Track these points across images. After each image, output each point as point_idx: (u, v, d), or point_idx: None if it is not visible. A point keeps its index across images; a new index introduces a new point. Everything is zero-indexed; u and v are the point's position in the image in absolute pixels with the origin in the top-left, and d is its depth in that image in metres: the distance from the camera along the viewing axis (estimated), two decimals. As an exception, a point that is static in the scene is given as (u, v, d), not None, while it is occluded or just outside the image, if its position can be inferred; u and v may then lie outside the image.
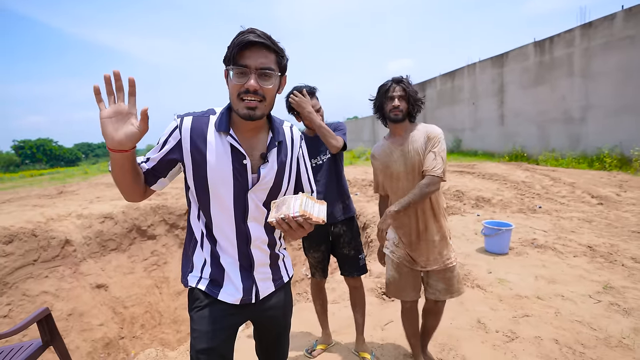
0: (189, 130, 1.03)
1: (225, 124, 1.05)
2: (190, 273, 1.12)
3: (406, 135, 1.75)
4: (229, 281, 1.09)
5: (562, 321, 2.32)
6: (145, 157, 1.07)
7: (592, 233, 4.05)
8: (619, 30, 9.01)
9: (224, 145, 1.04)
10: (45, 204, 8.53)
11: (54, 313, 5.59)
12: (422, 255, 1.77)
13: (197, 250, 1.11)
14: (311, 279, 2.20)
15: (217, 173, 1.03)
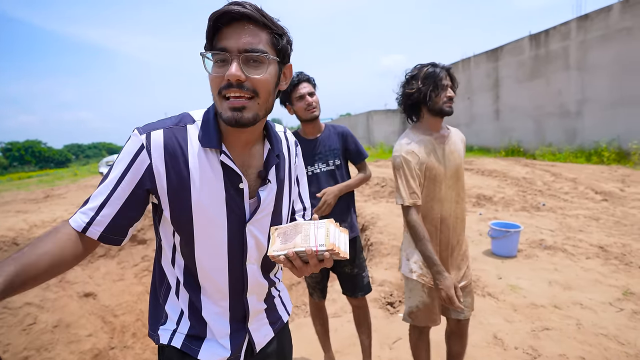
0: (161, 149, 0.74)
1: (214, 136, 0.77)
2: (161, 326, 0.85)
3: (444, 132, 1.52)
4: (212, 336, 0.84)
5: (586, 334, 2.14)
6: (89, 215, 0.71)
7: (602, 232, 3.89)
8: (616, 22, 8.89)
9: (213, 166, 0.77)
10: (29, 210, 8.18)
11: (38, 325, 5.30)
12: (452, 272, 1.55)
13: (170, 298, 0.85)
14: (309, 298, 1.97)
15: (206, 206, 0.77)
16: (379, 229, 4.69)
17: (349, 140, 1.86)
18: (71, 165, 48.05)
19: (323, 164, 1.78)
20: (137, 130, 0.75)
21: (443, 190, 1.48)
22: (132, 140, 0.74)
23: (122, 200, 0.72)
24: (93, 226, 0.71)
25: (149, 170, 0.73)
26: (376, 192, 7.14)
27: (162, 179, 0.74)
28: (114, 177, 0.73)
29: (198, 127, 0.78)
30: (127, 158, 0.73)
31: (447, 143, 1.50)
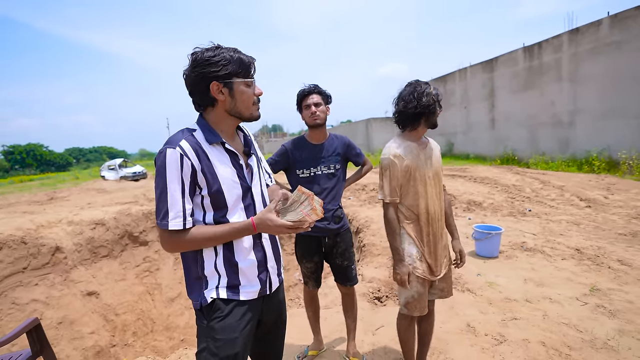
0: (193, 153, 1.06)
1: (216, 135, 1.12)
2: (204, 290, 1.13)
3: (423, 140, 1.78)
4: (246, 279, 1.16)
5: (550, 324, 2.37)
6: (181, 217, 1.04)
7: (580, 236, 4.13)
8: (605, 35, 9.22)
9: (223, 154, 1.13)
10: (35, 211, 8.42)
11: (44, 322, 5.50)
12: (439, 261, 1.76)
13: (206, 267, 1.13)
14: (304, 287, 2.21)
15: (229, 182, 1.11)
16: (372, 231, 4.93)
17: (351, 150, 2.16)
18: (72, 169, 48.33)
19: (325, 167, 2.04)
20: (168, 147, 1.04)
21: (428, 189, 1.70)
22: (171, 154, 1.03)
23: (188, 194, 1.06)
24: (187, 221, 1.06)
25: (192, 168, 1.05)
26: (372, 197, 7.38)
27: (200, 171, 1.07)
28: (177, 185, 1.04)
29: (201, 132, 1.12)
30: (175, 167, 1.03)
31: (427, 149, 1.75)
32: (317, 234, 2.04)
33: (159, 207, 1.04)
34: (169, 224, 1.03)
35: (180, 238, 1.06)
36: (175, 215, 1.04)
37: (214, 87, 1.07)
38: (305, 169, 2.01)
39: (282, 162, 2.06)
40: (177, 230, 1.04)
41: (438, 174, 1.76)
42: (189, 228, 1.07)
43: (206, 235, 1.07)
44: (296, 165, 2.03)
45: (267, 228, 1.06)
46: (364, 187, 8.05)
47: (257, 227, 1.06)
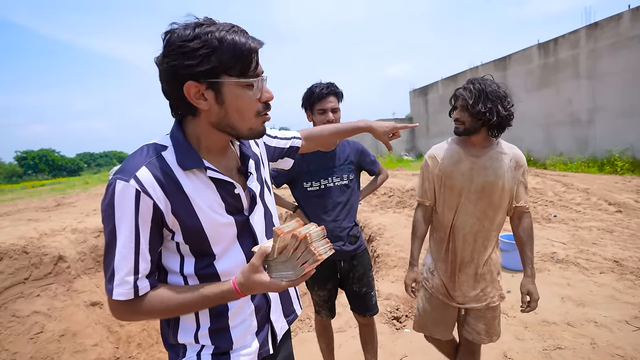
0: (157, 187, 0.74)
1: (194, 157, 0.78)
2: (182, 358, 0.85)
3: (485, 148, 1.49)
4: (240, 338, 0.86)
5: (601, 355, 2.05)
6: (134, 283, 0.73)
7: (616, 245, 3.77)
8: (626, 30, 8.79)
9: (206, 185, 0.80)
10: (40, 218, 8.31)
11: (45, 334, 5.32)
12: (460, 290, 1.51)
13: (181, 333, 0.85)
14: (315, 316, 1.93)
15: (215, 223, 0.80)
16: (386, 240, 4.63)
17: (365, 157, 1.88)
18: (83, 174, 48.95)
19: (337, 178, 1.76)
20: (119, 179, 0.72)
21: (462, 202, 1.47)
22: (122, 190, 0.71)
23: (147, 247, 0.75)
24: (141, 288, 0.75)
25: (155, 208, 0.74)
26: (383, 202, 7.08)
27: (168, 211, 0.75)
28: (129, 234, 0.72)
29: (172, 152, 0.78)
30: (129, 209, 0.71)
31: (483, 158, 1.46)
32: (331, 257, 1.76)
33: (105, 262, 0.74)
34: (113, 291, 0.73)
35: (132, 308, 0.75)
36: (121, 280, 0.72)
37: (191, 89, 0.72)
38: (315, 181, 1.72)
39: (285, 175, 1.76)
40: (125, 300, 0.74)
41: (485, 189, 1.44)
42: (144, 295, 0.75)
43: (170, 305, 0.75)
44: (303, 177, 1.73)
45: (255, 290, 0.75)
46: (375, 191, 7.76)
47: (242, 292, 0.75)
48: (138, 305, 0.75)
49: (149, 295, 0.76)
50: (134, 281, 0.73)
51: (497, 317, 1.54)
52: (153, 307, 0.75)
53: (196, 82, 0.72)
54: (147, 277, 0.76)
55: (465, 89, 1.44)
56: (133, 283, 0.73)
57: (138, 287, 0.74)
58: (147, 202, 0.72)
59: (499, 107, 1.39)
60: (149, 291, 0.76)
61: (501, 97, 1.41)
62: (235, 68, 0.72)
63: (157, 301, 0.75)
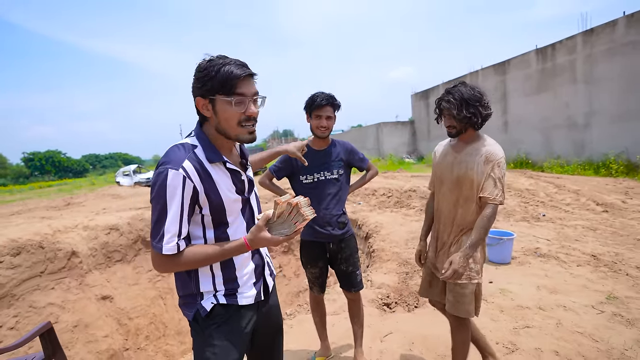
0: (196, 174, 1.03)
1: (218, 154, 1.10)
2: (201, 301, 1.13)
3: (467, 144, 1.70)
4: (244, 284, 1.17)
5: (564, 332, 2.30)
6: (175, 241, 1.02)
7: (597, 241, 4.01)
8: (621, 36, 9.00)
9: (225, 174, 1.12)
10: (52, 216, 8.65)
11: (60, 325, 5.62)
12: (440, 264, 1.79)
13: (202, 283, 1.13)
14: (309, 292, 2.21)
15: (231, 200, 1.12)
16: (382, 237, 4.89)
17: (353, 155, 2.17)
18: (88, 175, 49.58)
19: (328, 173, 2.04)
20: (170, 168, 1.00)
21: (444, 190, 1.75)
22: (173, 176, 1.00)
23: (187, 217, 1.05)
24: (181, 245, 1.04)
25: (194, 191, 1.03)
26: (382, 203, 7.34)
27: (202, 192, 1.06)
28: (176, 208, 1.01)
29: (202, 150, 1.09)
30: (177, 190, 1.00)
31: (462, 153, 1.69)
32: (322, 240, 2.04)
33: (155, 228, 1.01)
34: (162, 248, 1.00)
35: (173, 261, 1.04)
36: (169, 239, 1.01)
37: (199, 102, 1.06)
38: (309, 175, 2.03)
39: (285, 169, 2.08)
40: (170, 255, 1.03)
41: (459, 180, 1.67)
42: (182, 250, 1.04)
43: (199, 257, 1.05)
44: (300, 171, 2.04)
45: (261, 245, 1.05)
46: (374, 192, 8.01)
47: (251, 246, 1.05)
48: (178, 258, 1.03)
49: (185, 251, 1.05)
50: (177, 241, 1.02)
51: (467, 295, 1.70)
52: (188, 259, 1.04)
53: (202, 98, 1.05)
54: (185, 239, 1.05)
55: (447, 102, 1.65)
56: (177, 242, 1.02)
57: (179, 245, 1.02)
58: (189, 185, 1.02)
59: (480, 108, 1.62)
60: (185, 248, 1.05)
61: (479, 99, 1.63)
62: (224, 89, 1.02)
63: (190, 254, 1.04)
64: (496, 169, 1.60)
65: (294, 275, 6.47)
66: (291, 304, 5.88)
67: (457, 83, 1.71)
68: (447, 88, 1.70)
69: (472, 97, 1.61)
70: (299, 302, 5.42)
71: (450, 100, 1.63)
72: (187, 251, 1.05)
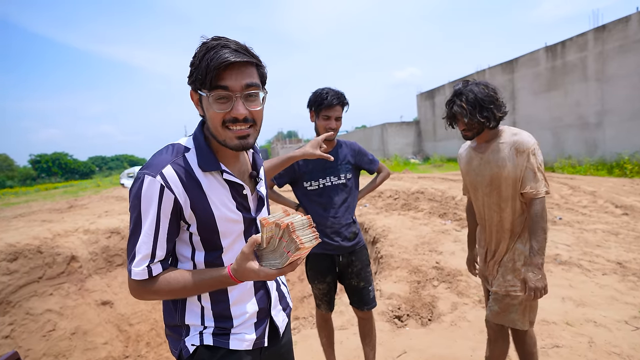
0: (179, 184, 0.83)
1: (213, 160, 0.88)
2: (186, 337, 0.93)
3: (488, 142, 1.56)
4: (240, 325, 0.94)
5: (598, 353, 2.07)
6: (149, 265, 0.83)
7: (620, 247, 3.76)
8: (635, 32, 8.73)
9: (221, 185, 0.90)
10: (54, 219, 8.54)
11: (57, 332, 5.48)
12: (491, 274, 1.65)
13: (188, 314, 0.93)
14: (316, 309, 2.00)
15: (227, 219, 0.90)
16: (390, 241, 4.68)
17: (362, 157, 1.96)
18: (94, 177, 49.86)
19: (335, 177, 1.84)
20: (147, 174, 0.81)
21: (480, 196, 1.61)
22: (149, 184, 0.81)
23: (165, 236, 0.84)
24: (154, 269, 0.84)
25: (176, 203, 0.83)
26: (388, 205, 7.12)
27: (187, 206, 0.85)
28: (151, 223, 0.82)
29: (194, 154, 0.88)
30: (153, 202, 0.81)
31: (487, 152, 1.55)
32: (330, 252, 1.83)
33: (128, 246, 0.85)
34: (131, 271, 0.83)
35: (145, 288, 0.84)
36: (139, 262, 0.82)
37: (192, 97, 0.87)
38: (314, 180, 1.82)
39: (287, 175, 1.85)
40: (141, 280, 0.84)
41: (492, 182, 1.51)
42: (156, 276, 0.85)
43: (175, 287, 0.84)
44: (304, 177, 1.82)
45: (248, 278, 0.81)
46: (381, 193, 7.79)
47: (237, 278, 0.82)
48: (150, 285, 0.85)
49: (160, 277, 0.85)
50: (149, 264, 0.83)
51: (516, 306, 1.55)
52: (162, 288, 0.84)
53: (193, 92, 0.86)
54: (161, 262, 0.86)
55: (458, 106, 1.50)
56: (148, 266, 0.83)
57: (152, 269, 0.84)
58: (169, 197, 0.82)
59: (494, 111, 1.47)
60: (160, 273, 0.85)
61: (493, 99, 1.47)
62: (206, 82, 0.79)
63: (165, 283, 0.85)
64: (532, 158, 1.43)
65: (298, 280, 6.27)
66: (295, 309, 5.69)
67: (466, 81, 1.55)
68: (458, 88, 1.54)
69: (487, 98, 1.46)
70: (302, 309, 5.22)
71: (462, 105, 1.49)
72: (163, 278, 0.85)
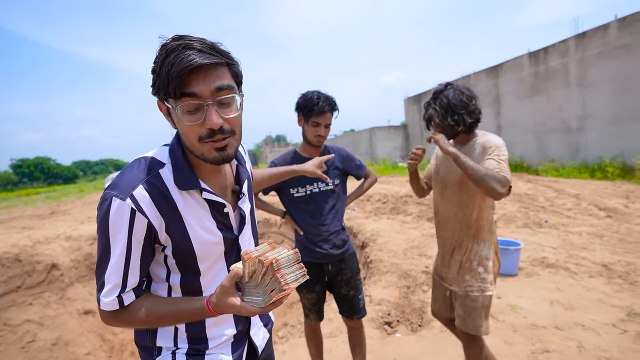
0: (152, 206, 0.74)
1: (192, 178, 0.79)
2: (157, 357, 0.87)
3: (464, 145, 1.61)
4: (216, 346, 0.89)
5: (587, 357, 2.08)
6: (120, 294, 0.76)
7: (605, 249, 3.83)
8: (614, 39, 9.01)
9: (200, 204, 0.81)
10: (34, 226, 8.25)
11: (37, 343, 5.27)
12: (448, 272, 1.66)
13: (160, 336, 0.87)
14: (305, 319, 1.96)
15: (206, 243, 0.82)
16: (379, 246, 4.66)
17: (350, 162, 1.92)
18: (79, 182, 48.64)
19: (322, 183, 1.79)
20: (114, 196, 0.72)
21: (447, 194, 1.63)
22: (119, 208, 0.72)
23: (138, 263, 0.77)
24: (126, 299, 0.77)
25: (149, 227, 0.75)
26: (377, 209, 7.12)
27: (162, 229, 0.77)
28: (121, 251, 0.73)
29: (170, 170, 0.79)
30: (122, 228, 0.72)
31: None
32: (319, 261, 1.79)
33: (96, 273, 0.77)
34: (100, 302, 0.76)
35: (117, 318, 0.78)
36: (109, 291, 0.75)
37: (160, 107, 0.76)
38: (301, 187, 1.77)
39: None
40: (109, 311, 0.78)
41: (463, 181, 1.55)
42: (128, 306, 0.78)
43: (150, 319, 0.78)
44: (290, 183, 1.77)
45: (227, 312, 0.74)
46: (369, 197, 7.79)
47: (217, 312, 0.74)
48: (122, 315, 0.78)
49: (132, 305, 0.78)
50: (120, 294, 0.76)
51: (478, 309, 1.56)
52: (134, 318, 0.78)
53: (159, 102, 0.75)
54: (134, 290, 0.79)
55: (432, 108, 1.60)
56: (118, 296, 0.76)
57: (123, 299, 0.77)
58: (141, 221, 0.73)
59: (465, 116, 1.53)
60: (133, 301, 0.79)
61: (465, 105, 1.53)
62: (170, 91, 0.68)
63: (137, 313, 0.78)
64: (495, 152, 1.47)
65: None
66: (284, 315, 5.60)
67: (447, 84, 1.62)
68: (436, 91, 1.61)
69: (459, 103, 1.53)
70: (292, 315, 5.14)
71: (435, 108, 1.58)
72: (136, 308, 0.78)
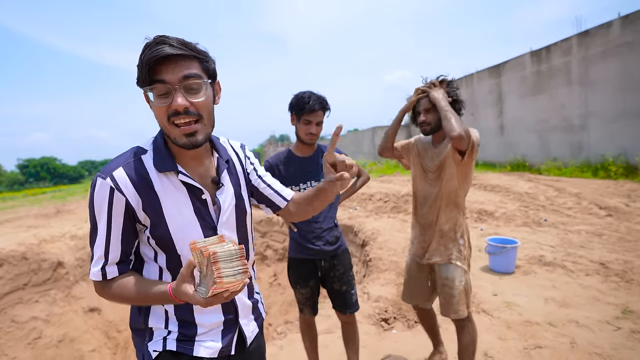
0: (130, 185, 0.83)
1: (169, 161, 0.87)
2: (149, 342, 0.91)
3: (443, 139, 1.77)
4: (205, 333, 0.93)
5: (580, 353, 2.11)
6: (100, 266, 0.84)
7: (604, 248, 3.84)
8: (616, 37, 8.95)
9: (177, 188, 0.88)
10: (40, 225, 8.38)
11: (44, 340, 5.37)
12: (427, 242, 1.77)
13: (152, 317, 0.92)
14: (299, 314, 2.01)
15: (182, 225, 0.87)
16: (379, 244, 4.70)
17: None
18: (84, 181, 49.07)
19: (315, 182, 1.85)
20: (99, 177, 0.82)
21: (431, 178, 1.78)
22: (100, 186, 0.82)
23: (119, 238, 0.85)
24: (109, 272, 0.85)
25: (127, 205, 0.83)
26: (379, 208, 7.16)
27: (139, 208, 0.85)
28: (103, 226, 0.83)
29: (151, 156, 0.87)
30: (104, 204, 0.82)
31: (439, 147, 1.78)
32: (311, 257, 1.85)
33: (90, 246, 0.87)
34: (90, 271, 0.86)
35: (103, 290, 0.86)
36: (96, 262, 0.85)
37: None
38: (294, 185, 1.84)
39: None
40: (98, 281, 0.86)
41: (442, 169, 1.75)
42: (112, 279, 0.85)
43: (127, 294, 0.84)
44: (284, 182, 1.83)
45: (184, 300, 0.76)
46: (371, 196, 7.83)
47: (178, 298, 0.76)
48: (107, 287, 0.86)
49: (115, 280, 0.86)
50: (103, 266, 0.85)
51: (455, 296, 1.70)
52: (115, 293, 0.86)
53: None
54: (117, 264, 0.86)
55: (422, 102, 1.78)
56: (101, 268, 0.85)
57: (106, 271, 0.85)
58: (119, 198, 0.82)
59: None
60: (117, 277, 0.86)
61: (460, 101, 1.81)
62: (145, 79, 0.79)
63: (118, 289, 0.85)
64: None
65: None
66: (285, 313, 5.66)
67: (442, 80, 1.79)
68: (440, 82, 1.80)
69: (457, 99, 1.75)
70: (294, 312, 5.20)
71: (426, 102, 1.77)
72: (117, 284, 0.85)
